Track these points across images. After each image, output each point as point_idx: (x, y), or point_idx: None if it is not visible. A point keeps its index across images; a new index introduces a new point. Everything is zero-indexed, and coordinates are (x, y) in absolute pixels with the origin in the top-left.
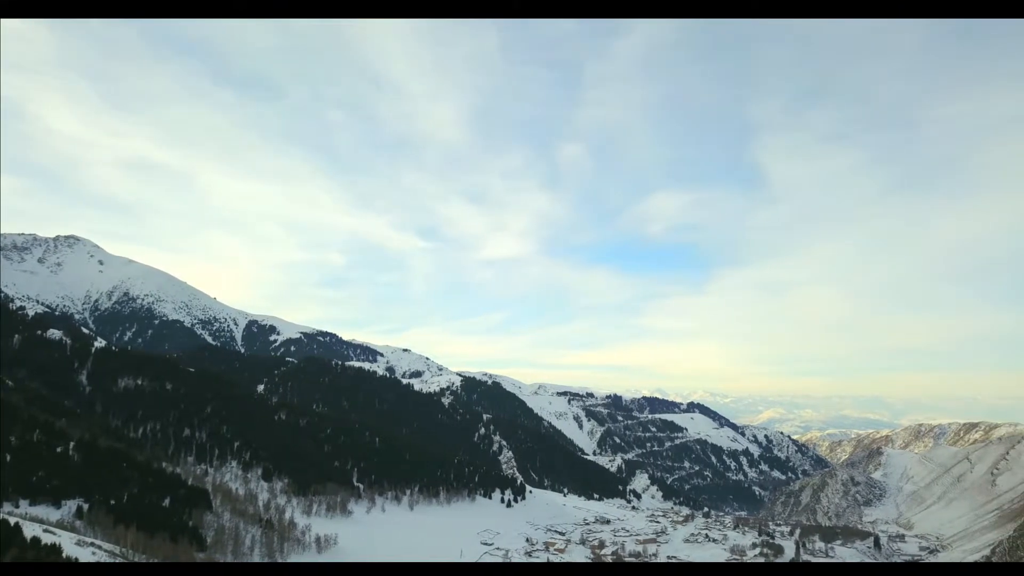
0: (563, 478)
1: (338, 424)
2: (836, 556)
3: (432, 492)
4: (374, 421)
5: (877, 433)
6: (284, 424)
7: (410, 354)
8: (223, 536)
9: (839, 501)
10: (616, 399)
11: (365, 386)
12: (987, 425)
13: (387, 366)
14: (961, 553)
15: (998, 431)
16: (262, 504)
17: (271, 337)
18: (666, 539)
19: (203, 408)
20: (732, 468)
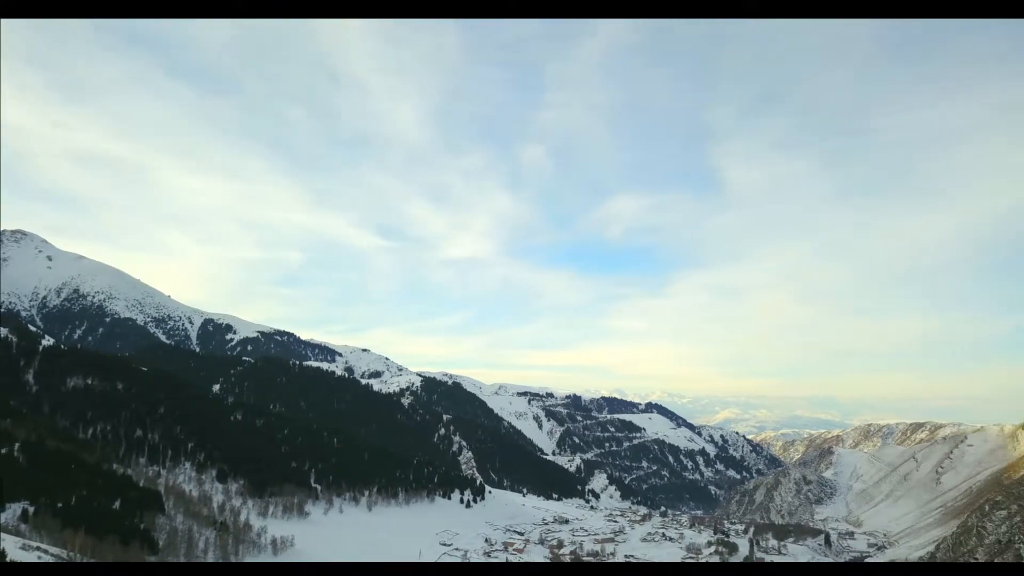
0: (522, 478)
1: (296, 424)
2: (788, 553)
3: (391, 493)
4: (332, 422)
5: (828, 433)
6: (240, 425)
7: (369, 354)
8: (176, 539)
9: (792, 499)
10: (576, 399)
11: (323, 386)
12: (932, 425)
13: (346, 366)
14: (907, 549)
15: (943, 431)
16: (217, 506)
17: (227, 336)
18: (624, 538)
19: (156, 408)
20: (689, 468)
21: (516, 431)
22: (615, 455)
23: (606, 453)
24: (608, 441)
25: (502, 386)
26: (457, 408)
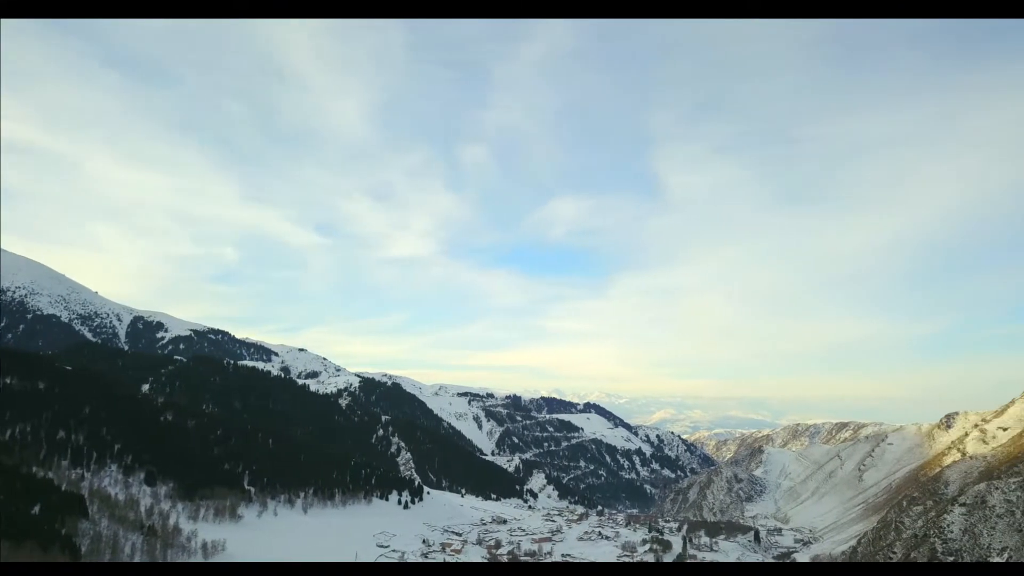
0: (461, 479)
1: (229, 425)
2: (720, 550)
3: (327, 495)
4: (267, 423)
5: (759, 432)
6: (170, 426)
7: (306, 354)
8: (100, 544)
9: (724, 497)
10: (516, 399)
11: (258, 386)
12: (856, 424)
13: (282, 366)
14: (831, 544)
15: (865, 430)
16: (144, 510)
17: (158, 334)
18: (561, 538)
19: (80, 409)
20: (625, 467)
21: (456, 432)
22: (554, 455)
23: (545, 453)
24: (547, 441)
25: (442, 387)
26: (396, 409)
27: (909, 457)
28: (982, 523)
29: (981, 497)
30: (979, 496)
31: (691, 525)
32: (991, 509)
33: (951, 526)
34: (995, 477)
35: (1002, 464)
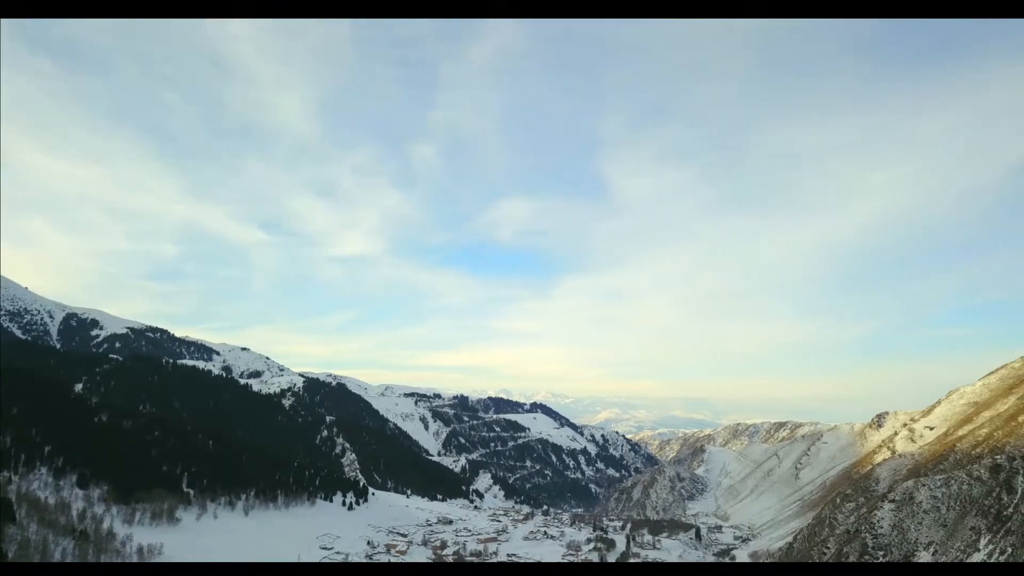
0: (407, 479)
1: (167, 426)
2: (662, 548)
3: (270, 496)
4: (208, 423)
5: (701, 432)
6: (105, 426)
7: (249, 353)
8: (28, 549)
9: (666, 496)
10: (463, 400)
11: (199, 386)
12: (793, 424)
13: (223, 365)
14: (769, 541)
15: (802, 430)
16: (76, 514)
17: (93, 332)
18: (507, 537)
19: (8, 409)
20: (571, 467)
21: (402, 432)
22: (500, 455)
23: (491, 453)
24: (494, 441)
25: (388, 387)
26: (341, 409)
27: (843, 455)
28: (910, 519)
29: (909, 494)
30: (907, 493)
31: (635, 524)
32: (918, 505)
33: (881, 522)
34: (922, 474)
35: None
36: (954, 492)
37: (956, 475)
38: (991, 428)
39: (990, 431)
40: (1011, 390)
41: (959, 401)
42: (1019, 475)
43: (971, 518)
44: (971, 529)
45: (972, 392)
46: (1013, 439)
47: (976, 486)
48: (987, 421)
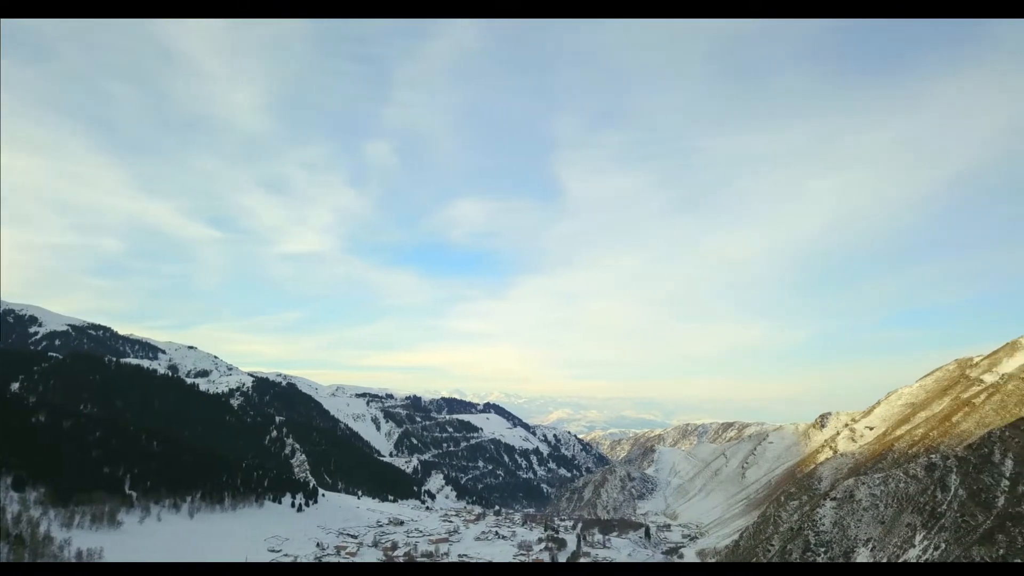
0: (358, 480)
1: (110, 427)
2: (612, 547)
3: (216, 498)
4: (153, 423)
5: (651, 432)
6: (43, 427)
7: (196, 352)
8: None
9: (617, 495)
10: (415, 400)
11: (143, 386)
12: (740, 424)
13: (169, 364)
14: (716, 539)
15: (749, 430)
16: (11, 517)
17: (31, 329)
18: (458, 538)
19: None
20: (523, 467)
21: (353, 433)
22: (452, 455)
23: (444, 453)
24: (446, 441)
25: (340, 387)
26: (291, 410)
27: (787, 455)
28: (850, 516)
29: (849, 492)
30: (848, 491)
31: (585, 523)
32: (858, 503)
33: (823, 519)
34: (862, 473)
35: (868, 461)
36: (892, 490)
37: (894, 473)
38: (927, 428)
39: (926, 431)
40: (945, 392)
41: (897, 402)
42: (952, 473)
43: (907, 515)
44: (907, 526)
45: (909, 393)
46: (947, 439)
47: (912, 484)
48: (923, 421)
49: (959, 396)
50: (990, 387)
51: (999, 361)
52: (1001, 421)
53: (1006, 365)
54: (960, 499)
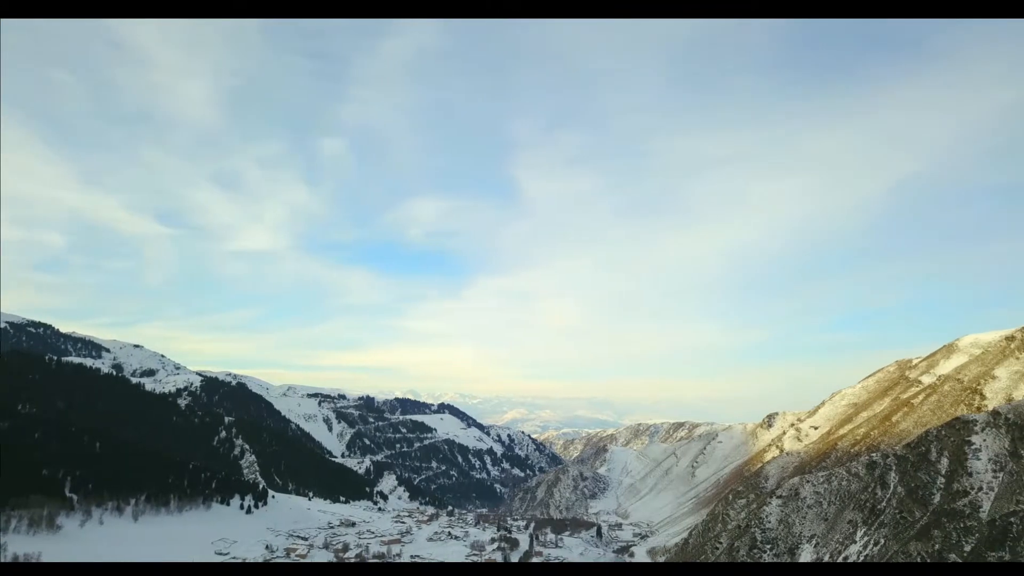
0: (309, 482)
1: (50, 428)
2: (564, 546)
3: (162, 501)
4: (96, 424)
5: (604, 432)
6: None
7: (142, 350)
8: None
9: (569, 495)
10: (369, 400)
11: (86, 385)
12: (691, 424)
13: (114, 363)
14: (666, 537)
15: (699, 429)
16: None
17: None
18: (411, 539)
19: None
20: (477, 467)
21: (304, 434)
22: (406, 456)
23: (397, 454)
24: (400, 442)
25: (291, 387)
26: (241, 410)
27: (736, 454)
28: (795, 513)
29: (795, 490)
30: (793, 489)
31: (538, 523)
32: (803, 500)
33: (769, 517)
34: (806, 471)
35: (813, 460)
36: (835, 488)
37: (837, 472)
38: (868, 428)
39: (867, 430)
40: (886, 392)
41: (841, 402)
42: (892, 471)
43: (849, 512)
44: (849, 522)
45: (852, 394)
46: (887, 437)
47: (854, 482)
48: (865, 421)
49: (899, 397)
50: (928, 388)
51: (936, 363)
52: (937, 421)
53: (943, 367)
54: (899, 496)
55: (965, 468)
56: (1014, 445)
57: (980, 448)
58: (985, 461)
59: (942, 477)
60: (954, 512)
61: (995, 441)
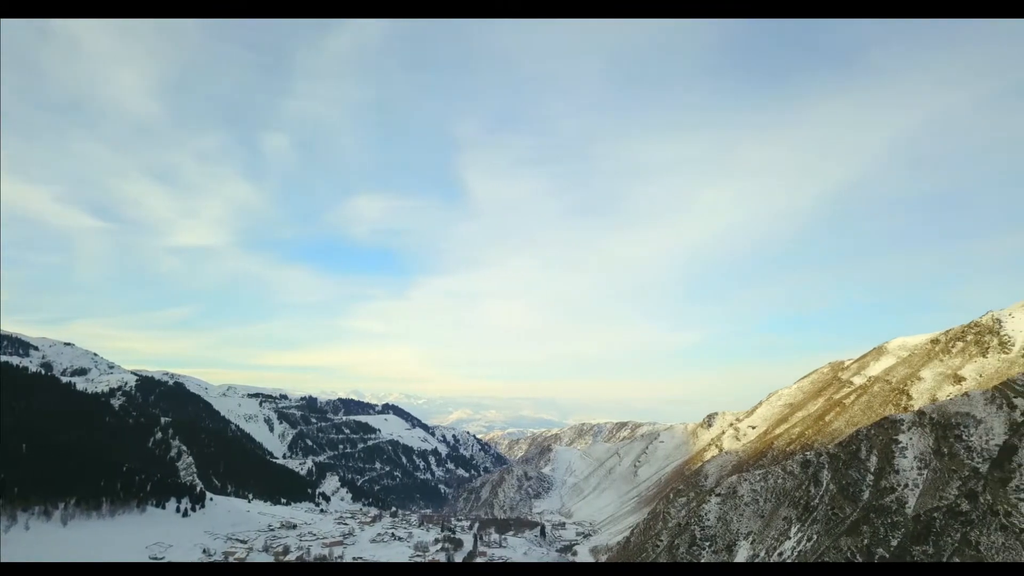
0: (249, 483)
1: None
2: (508, 546)
3: (93, 504)
4: (22, 425)
5: (549, 432)
6: None
7: (73, 348)
8: None
9: (514, 495)
10: (311, 401)
11: (12, 384)
12: (633, 424)
13: (43, 362)
14: (608, 536)
15: (641, 429)
16: None
17: None
18: (353, 540)
19: None
20: (421, 467)
21: (245, 434)
22: (349, 457)
23: (340, 455)
24: (343, 443)
25: (231, 387)
26: (179, 410)
27: (677, 453)
28: (733, 511)
29: (733, 488)
30: (731, 487)
31: (483, 523)
32: (740, 498)
33: (708, 514)
34: (744, 470)
35: (750, 458)
36: (771, 486)
37: (773, 470)
38: (803, 427)
39: (802, 430)
40: (820, 393)
41: (777, 402)
42: (825, 469)
43: (784, 509)
44: (784, 519)
45: (788, 394)
46: (821, 437)
47: (789, 480)
48: (800, 420)
49: (832, 397)
50: (859, 388)
51: (867, 364)
52: (867, 420)
53: (873, 368)
54: (831, 493)
55: (892, 466)
56: (938, 444)
57: (906, 446)
58: (911, 459)
59: (871, 475)
60: (882, 508)
61: (920, 440)
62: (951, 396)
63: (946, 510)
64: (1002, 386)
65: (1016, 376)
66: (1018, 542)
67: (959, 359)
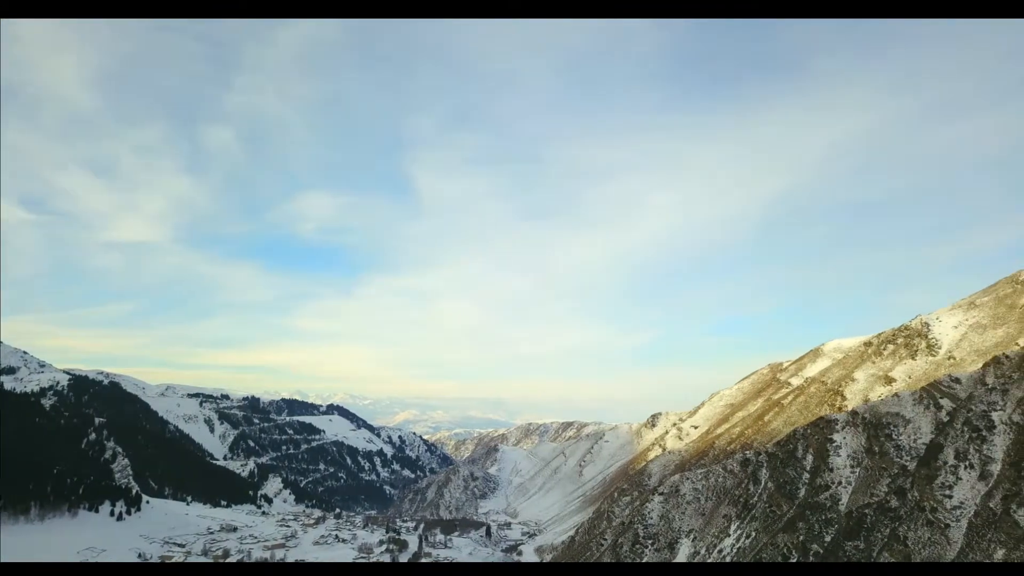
0: (188, 486)
1: None
2: (454, 546)
3: (21, 509)
4: None
5: (495, 432)
6: None
7: (2, 346)
8: None
9: (460, 495)
10: (254, 401)
11: None
12: (579, 424)
13: None
14: (553, 535)
15: (587, 429)
16: None
17: None
18: (296, 543)
19: None
20: (366, 469)
21: (184, 435)
22: (292, 458)
23: (283, 456)
24: (286, 444)
25: (170, 387)
26: (114, 411)
27: (622, 453)
28: (675, 509)
29: (675, 487)
30: (674, 486)
31: (428, 524)
32: (682, 497)
33: (651, 513)
34: (686, 469)
35: (692, 458)
36: (712, 484)
37: (714, 469)
38: (743, 427)
39: (742, 429)
40: (759, 393)
41: (719, 403)
42: (763, 468)
43: (724, 507)
44: (724, 517)
45: (729, 395)
46: (760, 436)
47: (729, 478)
48: (740, 421)
49: (771, 397)
50: (796, 389)
51: (804, 366)
52: (804, 420)
53: (809, 370)
54: (769, 491)
55: (827, 464)
56: (869, 442)
57: (840, 445)
58: (844, 457)
59: (807, 473)
60: (817, 505)
61: (853, 439)
62: (882, 397)
63: (877, 506)
64: (929, 387)
65: (942, 377)
66: (943, 537)
67: (890, 361)
